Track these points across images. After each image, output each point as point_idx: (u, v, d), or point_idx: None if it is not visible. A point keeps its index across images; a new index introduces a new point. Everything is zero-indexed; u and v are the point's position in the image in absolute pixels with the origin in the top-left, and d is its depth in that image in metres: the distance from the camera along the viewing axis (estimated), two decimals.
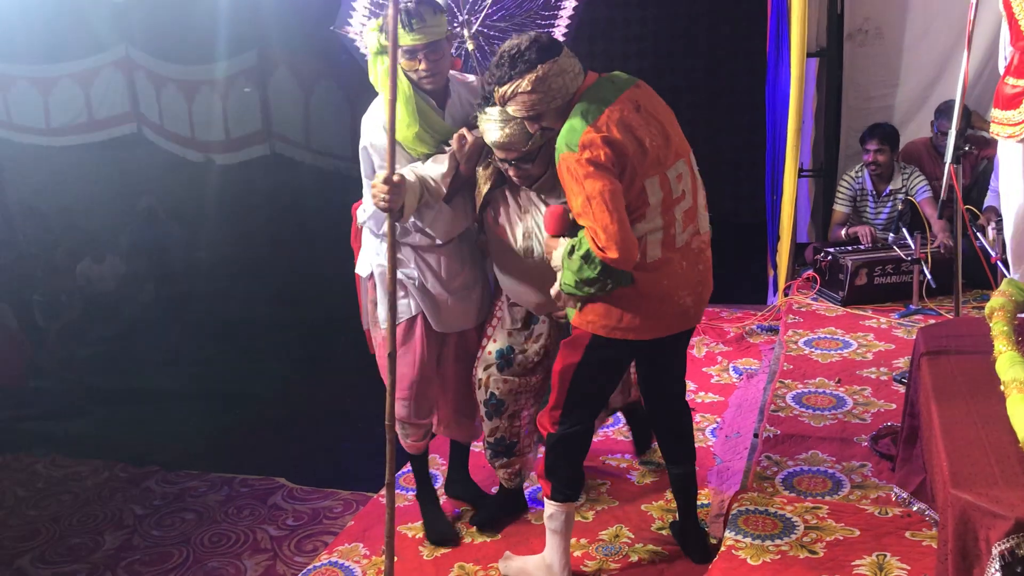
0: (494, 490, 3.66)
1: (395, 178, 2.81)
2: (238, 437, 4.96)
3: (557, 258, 2.82)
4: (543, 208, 3.09)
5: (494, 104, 2.86)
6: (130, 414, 5.53)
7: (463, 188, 3.17)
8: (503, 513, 3.55)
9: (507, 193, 3.15)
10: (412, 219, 3.05)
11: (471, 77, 3.33)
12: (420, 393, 3.35)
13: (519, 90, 2.71)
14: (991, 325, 2.74)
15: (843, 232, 5.62)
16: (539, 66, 2.69)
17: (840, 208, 5.74)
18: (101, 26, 8.74)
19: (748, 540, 2.90)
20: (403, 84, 2.98)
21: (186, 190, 8.63)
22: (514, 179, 3.05)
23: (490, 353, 3.36)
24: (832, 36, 5.96)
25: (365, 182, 3.16)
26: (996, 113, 3.97)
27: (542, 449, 3.21)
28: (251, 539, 3.79)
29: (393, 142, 2.79)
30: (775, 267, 5.81)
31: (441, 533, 3.44)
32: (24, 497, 4.37)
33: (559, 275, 2.82)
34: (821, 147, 6.18)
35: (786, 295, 5.54)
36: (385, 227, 2.91)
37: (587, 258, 2.66)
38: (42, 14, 8.14)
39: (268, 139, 8.64)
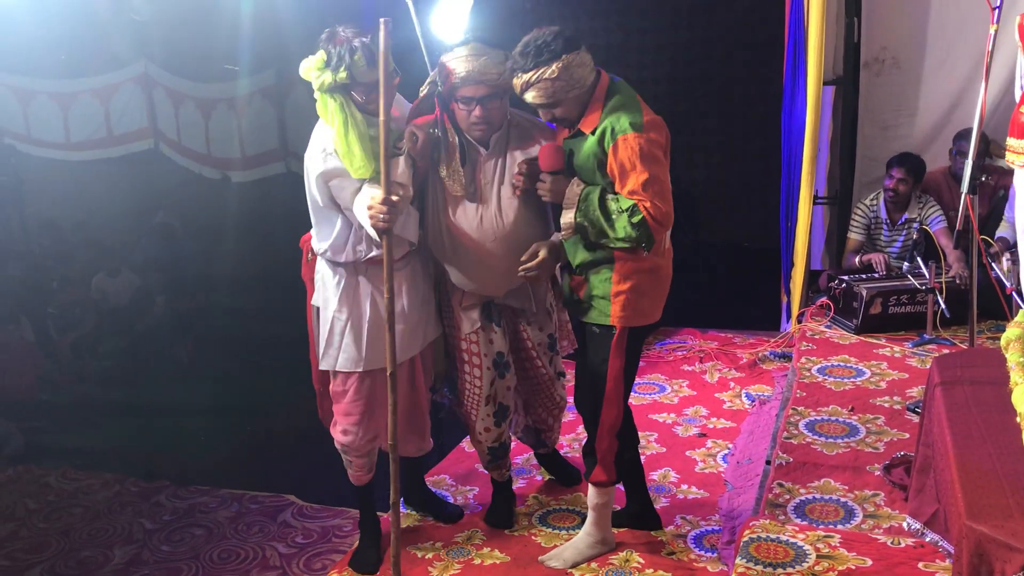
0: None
1: (393, 197, 2.89)
2: (249, 453, 4.96)
3: (573, 196, 3.03)
4: (504, 181, 3.21)
5: (464, 43, 3.07)
6: (141, 428, 5.53)
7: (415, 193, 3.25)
8: (510, 506, 3.74)
9: (462, 175, 3.22)
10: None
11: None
12: (368, 421, 3.40)
13: (543, 77, 2.90)
14: (1007, 356, 2.72)
15: (857, 260, 5.61)
16: (564, 56, 2.90)
17: (854, 236, 5.74)
18: (121, 42, 8.81)
19: (759, 568, 2.89)
20: (360, 125, 3.03)
21: (202, 206, 8.66)
22: (475, 128, 3.15)
23: (489, 369, 3.42)
24: (849, 64, 5.98)
25: (318, 212, 3.22)
26: (1012, 142, 3.96)
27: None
28: (260, 556, 3.78)
29: (388, 163, 2.87)
30: (789, 294, 5.81)
31: (365, 563, 3.47)
32: (35, 509, 4.38)
33: (570, 211, 3.02)
34: (836, 175, 6.18)
35: (800, 322, 5.52)
36: (354, 251, 3.11)
37: (641, 226, 2.91)
38: (63, 30, 8.21)
39: (284, 157, 8.68)
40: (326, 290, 3.29)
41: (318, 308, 3.34)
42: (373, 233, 2.97)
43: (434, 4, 3.70)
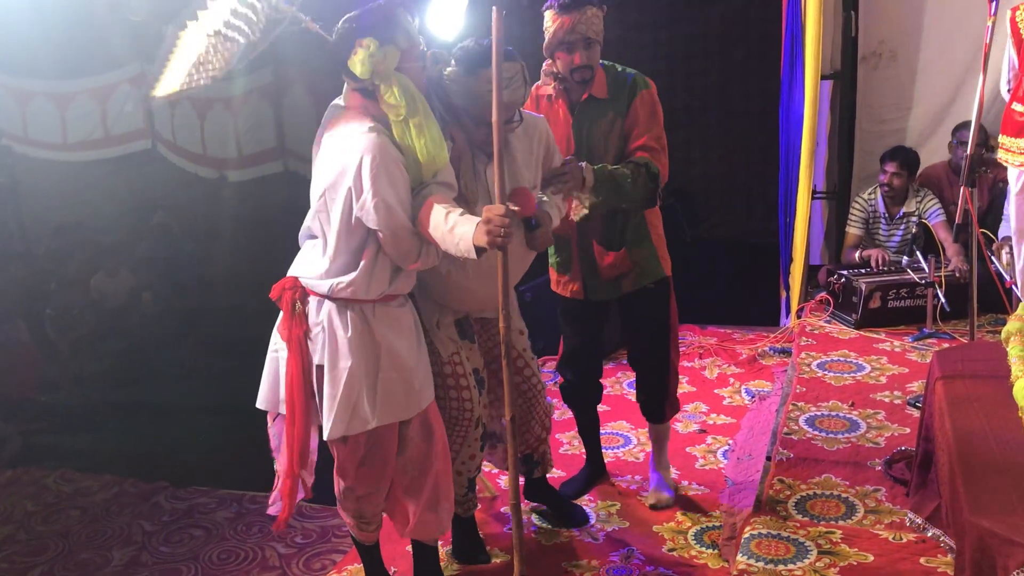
0: None
1: (513, 207, 2.56)
2: (248, 454, 4.93)
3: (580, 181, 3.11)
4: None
5: (486, 66, 2.66)
6: (140, 429, 5.52)
7: None
8: (479, 538, 3.44)
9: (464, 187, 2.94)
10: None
11: None
12: (385, 480, 2.94)
13: (592, 14, 3.17)
14: (1007, 349, 2.72)
15: (856, 255, 5.60)
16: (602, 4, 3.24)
17: (853, 230, 5.72)
18: (118, 43, 8.80)
19: (761, 564, 2.88)
20: (420, 98, 2.63)
21: (199, 206, 8.65)
22: (489, 149, 2.78)
23: (474, 388, 3.14)
24: (846, 58, 5.97)
25: (349, 241, 2.68)
26: (1005, 140, 3.94)
27: None
28: (260, 556, 3.77)
29: (503, 167, 2.54)
30: (788, 289, 5.79)
31: None
32: (33, 511, 4.37)
33: (585, 195, 3.16)
34: (835, 169, 6.17)
35: (799, 317, 5.51)
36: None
37: (657, 179, 3.21)
38: (60, 31, 8.20)
39: (282, 156, 8.66)
40: (334, 344, 2.73)
41: (320, 367, 2.77)
42: (470, 252, 2.55)
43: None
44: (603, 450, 4.04)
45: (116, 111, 9.33)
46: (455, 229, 2.56)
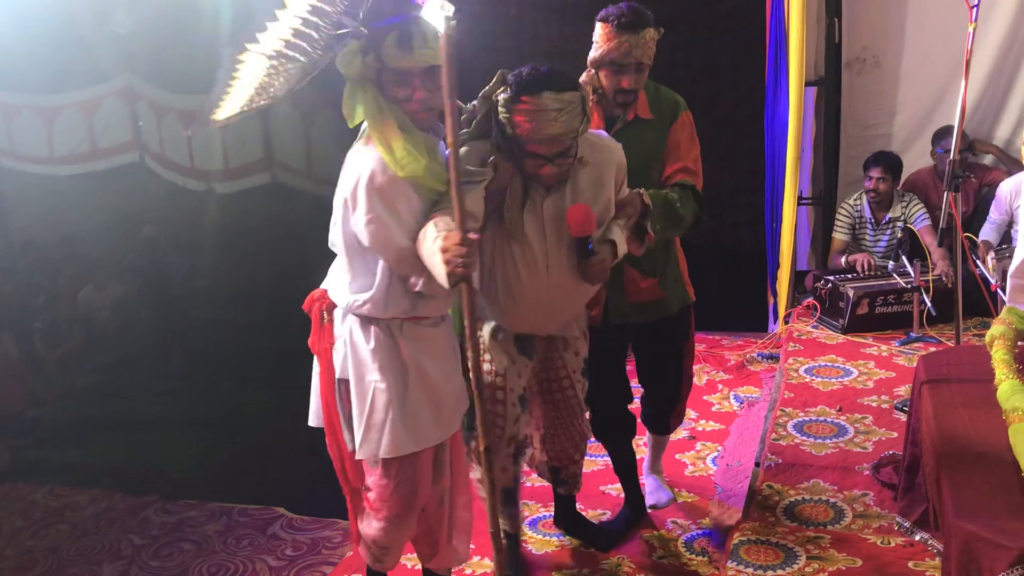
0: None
1: (471, 235, 2.34)
2: (237, 466, 4.94)
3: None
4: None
5: (534, 93, 2.58)
6: (129, 443, 5.51)
7: None
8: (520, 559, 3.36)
9: (525, 213, 2.79)
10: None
11: None
12: (413, 511, 2.78)
13: (650, 37, 3.04)
14: (992, 353, 2.74)
15: (843, 260, 5.63)
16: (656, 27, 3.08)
17: (839, 236, 5.75)
18: (104, 55, 8.79)
19: (750, 570, 2.88)
20: (397, 116, 2.51)
21: (187, 218, 8.65)
22: (542, 182, 2.75)
23: (514, 405, 3.05)
24: (830, 65, 5.99)
25: (356, 257, 2.59)
26: None
27: None
28: (250, 569, 3.76)
29: (460, 191, 2.33)
30: (775, 295, 5.81)
31: None
32: (22, 527, 4.35)
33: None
34: (820, 175, 6.19)
35: (786, 323, 5.53)
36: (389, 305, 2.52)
37: (702, 201, 3.16)
38: (46, 44, 8.19)
39: (270, 168, 8.66)
40: (358, 358, 2.60)
41: (345, 382, 2.65)
42: (444, 282, 2.34)
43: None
44: (591, 458, 3.93)
45: (103, 124, 9.31)
46: (434, 256, 2.37)
